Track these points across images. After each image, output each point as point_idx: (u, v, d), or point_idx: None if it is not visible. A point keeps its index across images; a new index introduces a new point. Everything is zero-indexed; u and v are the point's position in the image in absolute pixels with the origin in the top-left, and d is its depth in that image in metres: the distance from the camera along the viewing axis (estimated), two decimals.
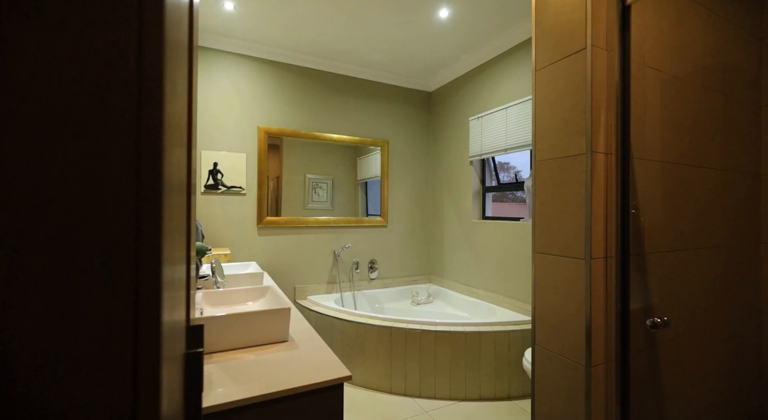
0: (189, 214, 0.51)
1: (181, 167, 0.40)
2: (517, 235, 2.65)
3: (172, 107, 0.32)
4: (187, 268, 0.51)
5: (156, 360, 0.26)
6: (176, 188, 0.36)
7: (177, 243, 0.36)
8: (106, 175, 0.24)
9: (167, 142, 0.28)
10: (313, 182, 3.21)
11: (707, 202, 1.27)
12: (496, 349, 2.29)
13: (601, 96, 0.97)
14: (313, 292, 3.14)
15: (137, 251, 0.25)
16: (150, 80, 0.26)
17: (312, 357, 1.12)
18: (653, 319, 0.94)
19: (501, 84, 2.82)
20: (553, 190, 1.04)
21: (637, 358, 0.98)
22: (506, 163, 3.10)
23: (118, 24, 0.25)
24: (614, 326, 0.95)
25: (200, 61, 2.76)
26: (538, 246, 1.09)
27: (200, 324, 0.54)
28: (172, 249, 0.33)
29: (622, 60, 0.95)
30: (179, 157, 0.37)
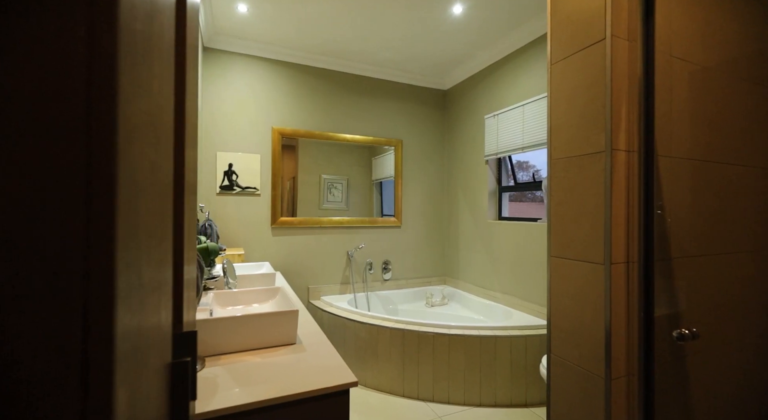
0: (179, 214, 0.49)
1: (160, 168, 0.38)
2: (534, 236, 2.56)
3: (139, 105, 0.29)
4: (175, 270, 0.49)
5: (107, 377, 0.23)
6: (150, 189, 0.34)
7: (150, 244, 0.34)
8: (50, 174, 0.22)
9: (125, 141, 0.26)
10: (328, 182, 3.21)
11: (741, 203, 1.18)
12: (512, 354, 2.22)
13: (622, 90, 0.91)
14: (326, 293, 3.14)
15: (86, 255, 0.23)
16: (101, 74, 0.24)
17: (319, 361, 1.10)
18: (681, 331, 0.87)
19: (518, 80, 2.74)
20: (570, 191, 0.98)
21: (663, 372, 0.91)
22: (525, 162, 3.01)
23: (66, 10, 0.22)
24: (637, 337, 0.88)
25: (216, 63, 2.80)
26: (553, 249, 1.03)
27: (192, 331, 0.52)
28: (141, 251, 0.31)
29: (646, 50, 0.89)
30: (154, 157, 0.35)
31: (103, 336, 0.23)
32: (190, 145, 0.60)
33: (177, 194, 0.50)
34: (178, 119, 0.52)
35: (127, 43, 0.26)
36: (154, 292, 0.36)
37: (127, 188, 0.26)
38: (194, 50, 0.68)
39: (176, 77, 0.50)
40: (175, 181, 0.50)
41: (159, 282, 0.38)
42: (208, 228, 2.52)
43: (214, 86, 2.80)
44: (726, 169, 1.14)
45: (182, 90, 0.53)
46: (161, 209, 0.39)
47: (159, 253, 0.38)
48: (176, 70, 0.50)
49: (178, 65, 0.52)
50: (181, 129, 0.52)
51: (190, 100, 0.61)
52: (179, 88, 0.52)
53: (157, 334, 0.38)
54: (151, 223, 0.34)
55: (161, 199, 0.39)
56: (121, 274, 0.25)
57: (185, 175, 0.53)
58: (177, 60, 0.51)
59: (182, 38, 0.53)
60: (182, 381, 0.45)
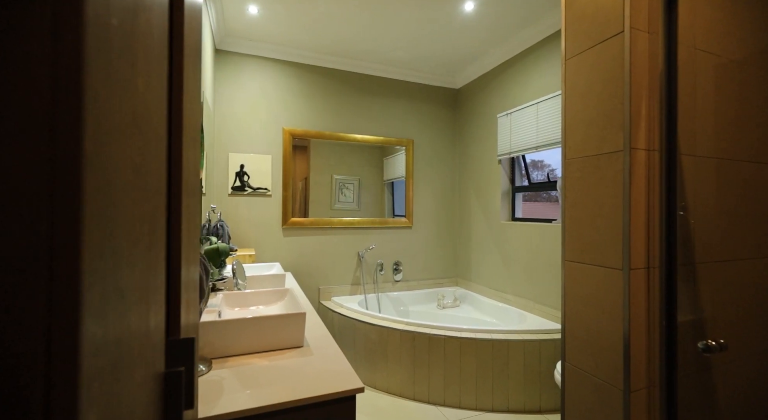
0: (175, 217, 0.48)
1: (148, 170, 0.36)
2: (549, 238, 2.49)
3: (116, 104, 0.28)
4: (171, 275, 0.47)
5: (72, 400, 0.21)
6: (133, 193, 0.32)
7: (134, 250, 0.32)
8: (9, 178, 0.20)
9: (96, 142, 0.24)
10: (340, 183, 3.20)
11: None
12: (526, 358, 2.16)
13: (641, 85, 0.86)
14: (337, 294, 3.13)
15: (49, 266, 0.21)
16: (66, 70, 0.22)
17: (326, 365, 1.08)
18: (707, 342, 0.81)
19: (531, 78, 2.67)
20: (585, 192, 0.93)
21: (686, 384, 0.85)
22: (540, 161, 2.94)
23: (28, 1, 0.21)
24: (658, 347, 0.83)
25: (227, 65, 2.82)
26: (568, 253, 0.99)
27: (190, 338, 0.51)
28: (120, 257, 0.29)
29: (668, 43, 0.83)
30: (139, 159, 0.33)
31: (67, 355, 0.21)
32: (191, 146, 0.59)
33: (173, 196, 0.49)
34: (175, 120, 0.50)
35: (99, 37, 0.24)
36: (140, 301, 0.34)
37: (100, 193, 0.25)
38: (195, 50, 0.66)
39: (172, 77, 0.48)
40: (171, 184, 0.49)
41: (147, 289, 0.37)
42: (219, 229, 2.54)
43: (226, 88, 2.82)
44: (755, 168, 1.07)
45: (180, 90, 0.52)
46: (150, 213, 0.38)
47: (147, 259, 0.36)
48: (172, 70, 0.48)
49: (176, 64, 0.51)
50: (179, 130, 0.51)
51: (190, 101, 0.60)
52: (176, 87, 0.51)
53: (145, 344, 0.36)
54: (135, 228, 0.32)
55: (149, 203, 0.37)
56: (91, 286, 0.23)
57: (183, 177, 0.52)
58: (174, 59, 0.50)
59: (179, 37, 0.51)
60: (176, 391, 0.44)
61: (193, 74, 0.65)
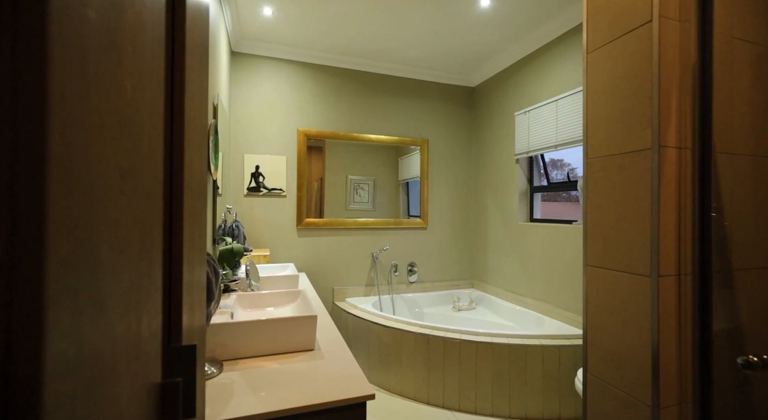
0: (177, 219, 0.46)
1: (139, 174, 0.34)
2: (569, 240, 2.41)
3: (94, 103, 0.26)
4: (171, 280, 0.46)
5: None
6: (118, 198, 0.30)
7: (121, 259, 0.31)
8: None
9: (65, 145, 0.22)
10: (355, 183, 3.19)
11: None
12: (545, 365, 2.09)
13: (671, 78, 0.80)
14: (351, 294, 3.12)
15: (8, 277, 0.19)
16: (27, 65, 0.20)
17: (336, 370, 1.06)
18: (748, 358, 0.74)
19: (551, 74, 2.59)
20: (609, 193, 0.88)
21: (723, 401, 0.78)
22: (559, 161, 2.85)
23: None
24: (691, 360, 0.77)
25: (243, 67, 2.85)
26: (590, 258, 0.93)
27: (191, 345, 0.49)
28: (101, 269, 0.27)
29: (702, 32, 0.77)
30: (127, 162, 0.31)
31: (29, 381, 0.19)
32: (195, 147, 0.58)
33: (174, 198, 0.48)
34: (176, 121, 0.49)
35: (69, 30, 0.22)
36: (129, 311, 0.32)
37: (70, 199, 0.23)
38: (200, 50, 0.65)
39: (171, 77, 0.47)
40: (172, 186, 0.47)
41: (138, 297, 0.35)
42: (235, 229, 2.57)
43: (242, 90, 2.85)
44: None
45: (181, 91, 0.50)
46: (142, 218, 0.36)
47: (138, 266, 0.35)
48: (172, 69, 0.47)
49: (177, 65, 0.49)
50: (180, 132, 0.49)
51: (195, 102, 0.58)
52: (177, 88, 0.49)
53: (136, 355, 0.34)
54: (121, 234, 0.31)
55: (140, 208, 0.35)
56: (57, 302, 0.21)
57: (186, 179, 0.50)
58: (174, 58, 0.48)
59: (181, 36, 0.50)
60: (172, 402, 0.42)
61: (199, 75, 0.64)
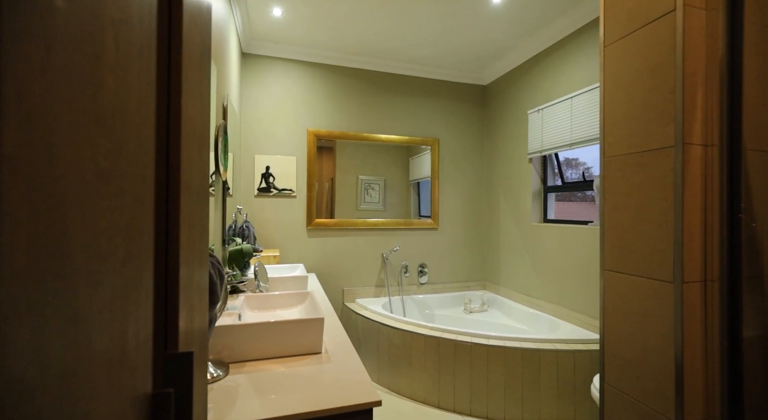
0: (173, 221, 0.45)
1: (122, 176, 0.33)
2: (584, 241, 2.33)
3: (63, 101, 0.24)
4: (167, 283, 0.44)
5: None
6: (98, 203, 0.28)
7: (100, 267, 0.29)
8: None
9: (16, 141, 0.20)
10: (365, 183, 3.17)
11: None
12: (559, 370, 2.03)
13: (697, 71, 0.75)
14: (361, 295, 3.10)
15: None
16: None
17: (343, 374, 1.04)
18: None
19: (565, 71, 2.52)
20: (628, 194, 0.83)
21: (755, 418, 0.73)
22: (574, 160, 2.78)
23: None
24: (719, 372, 0.72)
25: (254, 68, 2.86)
26: (607, 262, 0.88)
27: (187, 352, 0.47)
28: (72, 279, 0.25)
29: (731, 20, 0.72)
30: (108, 164, 0.30)
31: None
32: (195, 148, 0.56)
33: (171, 201, 0.46)
34: (172, 121, 0.47)
35: (29, 22, 0.20)
36: (111, 320, 0.31)
37: (31, 205, 0.21)
38: (201, 49, 0.63)
39: (170, 75, 0.45)
40: (168, 188, 0.46)
41: (123, 305, 0.33)
42: (245, 230, 2.58)
43: (252, 91, 2.86)
44: None
45: (178, 89, 0.49)
46: (128, 223, 0.34)
47: (122, 273, 0.33)
48: (168, 68, 0.45)
49: (173, 62, 0.48)
50: (177, 131, 0.48)
51: (194, 101, 0.57)
52: (174, 87, 0.48)
53: (119, 367, 0.32)
54: (101, 241, 0.29)
55: (126, 212, 0.34)
56: (13, 320, 0.19)
57: (183, 180, 0.49)
58: (171, 56, 0.46)
59: (177, 33, 0.48)
60: (163, 415, 0.40)
61: (199, 74, 0.62)
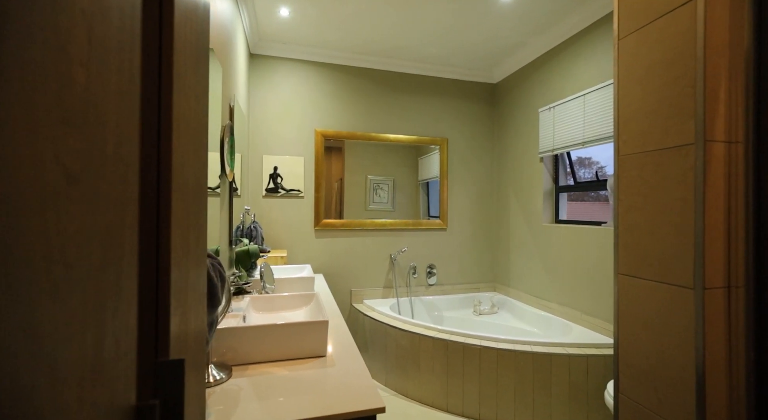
0: (164, 222, 0.43)
1: (100, 177, 0.31)
2: (598, 243, 2.27)
3: (21, 96, 0.22)
4: (157, 286, 0.42)
5: None
6: (68, 207, 0.26)
7: (70, 274, 0.27)
8: None
9: None
10: (374, 183, 3.15)
11: None
12: (572, 375, 1.97)
13: (720, 62, 0.70)
14: (369, 296, 3.08)
15: None
16: None
17: (347, 378, 1.02)
18: None
19: (577, 68, 2.45)
20: (644, 194, 0.78)
21: None
22: (587, 159, 2.71)
23: None
24: (744, 385, 0.67)
25: (261, 69, 2.86)
26: (621, 265, 0.84)
27: (178, 359, 0.46)
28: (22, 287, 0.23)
29: (757, 8, 0.67)
30: (77, 165, 0.28)
31: None
32: (189, 148, 0.55)
33: (162, 200, 0.45)
34: (163, 120, 0.46)
35: None
36: (83, 330, 0.29)
37: None
38: (197, 46, 0.62)
39: (156, 73, 0.44)
40: (158, 187, 0.44)
41: (99, 317, 0.31)
42: (253, 230, 2.58)
43: (261, 92, 2.87)
44: None
45: (169, 87, 0.47)
46: (106, 227, 0.32)
47: (98, 280, 0.31)
48: (159, 65, 0.44)
49: (164, 59, 0.46)
50: (168, 131, 0.46)
51: (187, 99, 0.55)
52: (165, 84, 0.46)
53: (93, 381, 0.31)
54: (70, 247, 0.27)
55: (103, 215, 0.32)
56: None
57: (174, 180, 0.47)
58: (162, 54, 0.45)
59: (169, 29, 0.47)
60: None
61: (195, 73, 0.61)
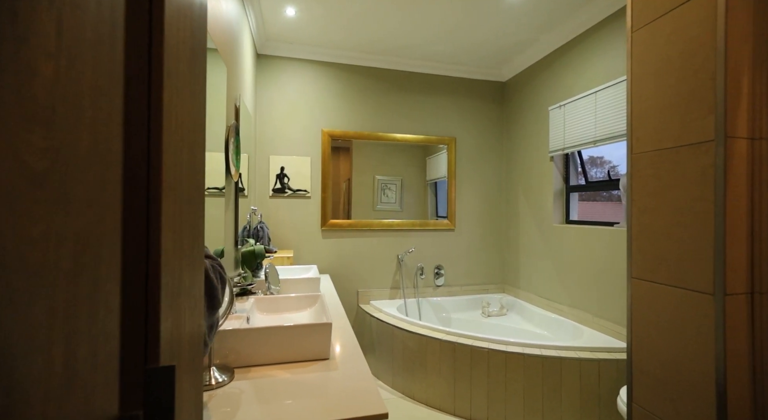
0: (153, 224, 0.42)
1: (64, 175, 0.29)
2: (610, 244, 2.21)
3: None
4: (146, 291, 0.41)
5: None
6: (23, 204, 0.25)
7: (22, 281, 0.25)
8: None
9: None
10: (382, 183, 3.14)
11: None
12: (583, 379, 1.92)
13: (742, 53, 0.66)
14: (376, 297, 3.06)
15: None
16: None
17: (350, 382, 1.01)
18: None
19: (588, 65, 2.39)
20: (660, 194, 0.74)
21: None
22: (599, 158, 2.65)
23: None
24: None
25: (268, 70, 2.87)
26: (635, 269, 0.80)
27: (168, 366, 0.44)
28: None
29: None
30: (42, 163, 0.26)
31: None
32: (182, 147, 0.53)
33: (152, 202, 0.43)
34: (153, 117, 0.44)
35: None
36: (50, 345, 0.27)
37: None
38: (190, 43, 0.60)
39: (145, 69, 0.42)
40: (149, 188, 0.43)
41: (71, 327, 0.29)
42: (260, 231, 2.58)
43: (267, 92, 2.87)
44: None
45: (159, 84, 0.45)
46: (79, 230, 0.31)
47: (69, 290, 0.29)
48: (149, 62, 0.42)
49: (155, 55, 0.45)
50: (158, 128, 0.45)
51: (180, 97, 0.54)
52: (155, 81, 0.45)
53: (67, 394, 0.29)
54: (35, 253, 0.25)
55: (76, 218, 0.30)
56: None
57: (165, 181, 0.46)
58: (151, 50, 0.43)
59: (159, 24, 0.45)
60: None
61: (189, 69, 0.59)
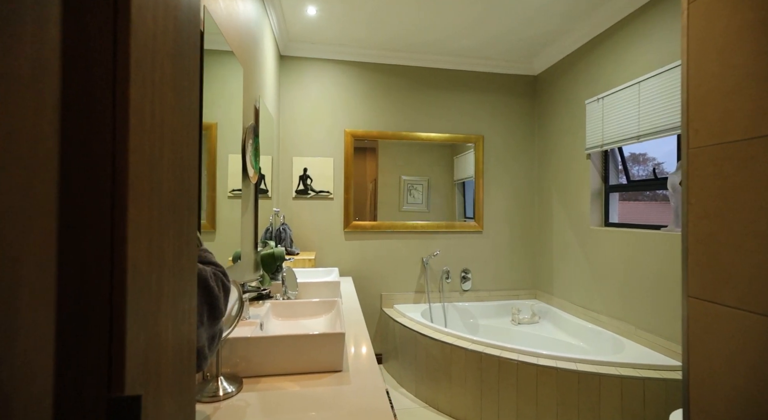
0: (118, 237, 0.37)
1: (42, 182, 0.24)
2: (657, 250, 2.00)
3: None
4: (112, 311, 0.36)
5: None
6: None
7: None
8: None
9: None
10: (408, 184, 3.06)
11: None
12: (624, 399, 1.74)
13: None
14: (399, 301, 2.98)
15: None
16: None
17: (362, 399, 0.94)
18: None
19: (630, 53, 2.19)
20: (725, 196, 0.61)
21: None
22: (641, 155, 2.43)
23: None
24: None
25: (291, 71, 2.86)
26: (692, 287, 0.67)
27: (134, 396, 0.39)
28: None
29: None
30: None
31: None
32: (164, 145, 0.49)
33: (117, 209, 0.38)
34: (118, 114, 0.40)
35: None
36: None
37: None
38: (173, 35, 0.56)
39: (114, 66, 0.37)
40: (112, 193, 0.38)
41: None
42: (282, 232, 2.58)
43: (290, 93, 2.87)
44: None
45: (125, 77, 0.40)
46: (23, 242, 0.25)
47: None
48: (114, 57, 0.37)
49: (120, 48, 0.40)
50: (124, 126, 0.40)
51: (158, 94, 0.49)
52: (120, 75, 0.40)
53: None
54: None
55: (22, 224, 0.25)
56: None
57: (129, 184, 0.41)
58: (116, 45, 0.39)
59: (125, 14, 0.40)
60: None
61: (172, 65, 0.54)
